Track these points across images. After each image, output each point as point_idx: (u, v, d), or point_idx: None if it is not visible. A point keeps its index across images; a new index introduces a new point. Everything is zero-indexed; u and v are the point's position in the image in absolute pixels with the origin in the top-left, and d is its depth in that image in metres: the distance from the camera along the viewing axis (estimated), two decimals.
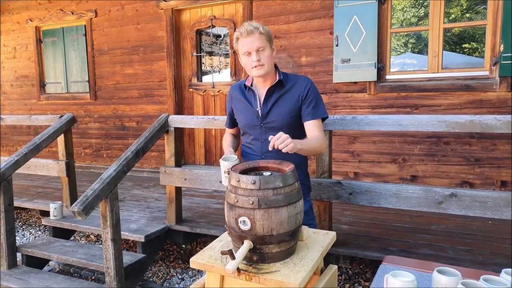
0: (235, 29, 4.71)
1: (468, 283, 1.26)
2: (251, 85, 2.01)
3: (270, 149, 1.65)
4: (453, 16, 4.36)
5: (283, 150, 1.62)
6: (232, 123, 2.18)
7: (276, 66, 2.00)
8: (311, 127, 1.93)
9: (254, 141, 2.02)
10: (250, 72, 1.94)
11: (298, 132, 1.96)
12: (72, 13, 5.68)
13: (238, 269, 1.40)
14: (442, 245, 2.68)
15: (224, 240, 1.69)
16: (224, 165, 1.86)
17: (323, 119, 2.01)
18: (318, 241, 1.66)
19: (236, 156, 1.94)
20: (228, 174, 1.89)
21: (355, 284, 3.00)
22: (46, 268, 3.37)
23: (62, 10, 5.77)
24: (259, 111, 1.97)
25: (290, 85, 1.96)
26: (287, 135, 1.64)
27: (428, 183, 3.82)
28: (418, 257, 2.39)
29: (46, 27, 6.05)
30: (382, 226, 3.08)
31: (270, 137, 1.66)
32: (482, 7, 4.02)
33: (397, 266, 1.57)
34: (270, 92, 1.95)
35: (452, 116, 2.21)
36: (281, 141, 1.62)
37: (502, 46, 3.42)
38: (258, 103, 1.98)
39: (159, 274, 3.34)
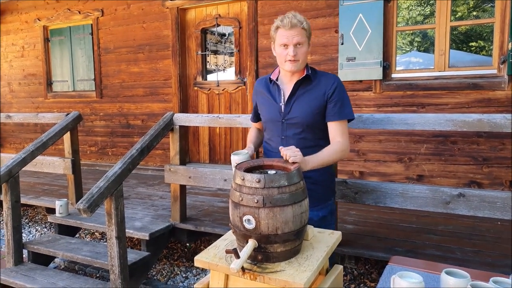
0: (240, 27, 4.70)
1: (477, 285, 1.24)
2: (277, 79, 1.96)
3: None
4: (459, 14, 4.31)
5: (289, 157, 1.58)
6: (257, 117, 2.14)
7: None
8: (334, 129, 1.87)
9: (275, 137, 1.97)
10: (282, 65, 1.89)
11: (320, 132, 1.90)
12: (79, 12, 5.71)
13: (243, 268, 1.39)
14: (450, 246, 2.65)
15: (228, 239, 1.68)
16: (235, 159, 1.83)
17: (349, 121, 1.93)
18: (323, 240, 1.64)
19: (247, 151, 1.90)
20: None
21: (360, 284, 2.98)
22: (51, 265, 3.39)
23: (69, 10, 5.80)
24: (282, 106, 1.91)
25: (317, 81, 1.89)
26: (298, 150, 1.61)
27: (435, 182, 3.78)
28: (425, 258, 2.36)
29: (53, 26, 6.09)
30: (388, 226, 3.06)
31: (281, 147, 1.63)
32: (490, 5, 3.97)
33: (404, 266, 1.55)
34: (295, 87, 1.89)
35: (460, 115, 2.18)
36: (291, 153, 1.58)
37: (510, 44, 3.37)
38: (282, 98, 1.92)
39: (163, 272, 3.34)
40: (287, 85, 1.93)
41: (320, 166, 1.76)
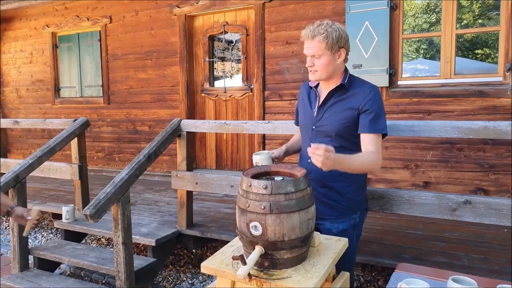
0: (247, 35, 4.74)
1: None
2: (317, 86, 1.96)
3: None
4: (465, 22, 4.32)
5: (313, 161, 1.50)
6: (298, 120, 2.14)
7: (346, 69, 1.88)
8: (366, 142, 1.78)
9: (305, 143, 1.97)
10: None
11: (350, 142, 1.84)
12: (88, 19, 5.79)
13: (249, 275, 1.39)
14: (456, 253, 2.63)
15: (235, 245, 1.69)
16: (255, 159, 1.86)
17: (383, 136, 1.83)
18: (330, 247, 1.65)
19: (268, 151, 1.92)
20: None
21: None
22: (57, 271, 3.41)
23: (78, 17, 5.88)
24: (314, 113, 1.91)
25: (353, 91, 1.83)
26: (329, 148, 1.49)
27: (441, 189, 3.77)
28: (431, 265, 2.35)
29: (62, 33, 6.17)
30: (394, 233, 3.05)
31: (309, 149, 1.53)
32: (495, 13, 3.98)
33: (410, 273, 1.55)
34: (329, 95, 1.88)
35: (466, 122, 2.18)
36: (317, 150, 1.48)
37: None
38: (316, 104, 1.92)
39: (169, 278, 3.35)
40: (323, 92, 1.92)
41: (349, 170, 1.70)
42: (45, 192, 4.75)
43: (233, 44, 4.98)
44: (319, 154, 1.47)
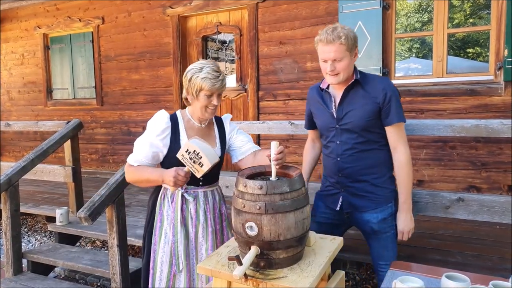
0: (240, 35, 4.74)
1: None
2: (328, 87, 1.99)
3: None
4: (456, 21, 4.36)
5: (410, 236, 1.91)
6: (310, 124, 2.18)
7: (354, 67, 1.93)
8: (392, 134, 1.90)
9: (330, 143, 1.99)
10: (325, 77, 1.93)
11: (376, 134, 1.92)
12: (80, 20, 5.75)
13: (245, 275, 1.40)
14: (450, 250, 2.66)
15: (231, 246, 1.69)
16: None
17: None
18: (325, 246, 1.65)
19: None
20: None
21: None
22: (51, 274, 3.38)
23: (69, 18, 5.84)
24: (334, 113, 1.95)
25: (368, 86, 1.89)
26: (403, 230, 1.92)
27: (435, 187, 3.80)
28: (426, 262, 2.36)
29: (53, 34, 6.13)
30: None
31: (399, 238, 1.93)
32: (486, 12, 4.03)
33: (405, 271, 1.56)
34: (346, 93, 1.91)
35: (458, 121, 2.21)
36: (406, 234, 1.91)
37: (506, 50, 3.41)
38: (333, 104, 1.95)
39: None
40: (337, 91, 1.95)
41: (409, 193, 1.92)
42: (39, 195, 4.71)
43: (226, 44, 4.98)
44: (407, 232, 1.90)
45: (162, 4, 5.09)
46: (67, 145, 3.60)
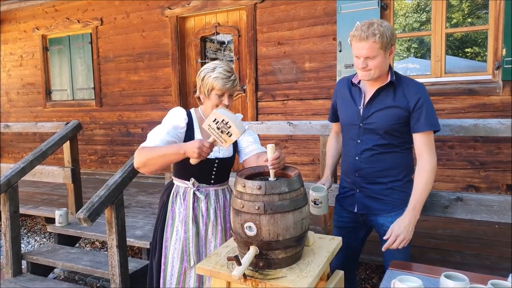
0: (239, 35, 4.75)
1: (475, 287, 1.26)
2: (359, 82, 1.91)
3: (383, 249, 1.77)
4: (455, 21, 4.37)
5: (400, 246, 1.74)
6: (334, 117, 2.10)
7: (390, 66, 1.87)
8: (419, 141, 1.80)
9: (350, 140, 1.93)
10: (357, 72, 1.86)
11: (399, 138, 1.84)
12: (78, 21, 5.75)
13: (244, 275, 1.40)
14: (449, 250, 2.66)
15: (230, 246, 1.69)
16: (312, 195, 1.90)
17: (435, 132, 1.85)
18: (324, 246, 1.66)
19: (325, 188, 1.96)
20: (315, 204, 1.95)
21: None
22: (51, 275, 3.38)
23: (68, 19, 5.84)
24: (361, 110, 1.87)
25: (401, 89, 1.83)
26: (398, 235, 1.73)
27: (433, 187, 3.75)
28: (424, 262, 2.37)
29: (52, 35, 6.12)
30: None
31: (388, 242, 1.75)
32: (484, 11, 4.03)
33: (403, 271, 1.56)
34: (377, 92, 1.84)
35: (456, 120, 2.21)
36: (398, 241, 1.73)
37: (504, 50, 3.42)
38: (362, 101, 1.88)
39: None
40: (369, 88, 1.88)
41: (423, 201, 1.82)
42: (38, 196, 4.71)
43: (225, 45, 4.98)
44: (401, 240, 1.73)
45: (161, 5, 5.09)
46: (66, 146, 3.60)
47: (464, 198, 2.14)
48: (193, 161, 1.68)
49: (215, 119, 1.59)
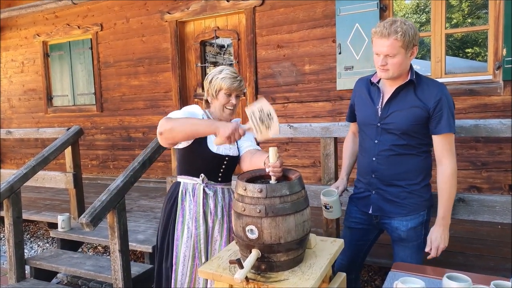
0: (238, 39, 4.76)
1: None
2: (379, 81, 1.88)
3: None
4: (455, 21, 4.37)
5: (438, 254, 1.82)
6: (351, 116, 2.08)
7: (410, 66, 1.82)
8: (438, 144, 1.78)
9: (367, 140, 1.90)
10: (377, 70, 1.83)
11: (417, 140, 1.81)
12: (79, 27, 5.78)
13: (247, 278, 1.40)
14: (451, 251, 2.65)
15: (232, 249, 1.70)
16: (323, 199, 1.92)
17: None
18: (326, 248, 1.66)
19: (337, 192, 1.98)
20: (326, 208, 1.97)
21: None
22: (54, 280, 3.38)
23: (68, 25, 5.87)
24: (379, 110, 1.84)
25: (421, 89, 1.78)
26: (437, 246, 1.83)
27: (435, 188, 3.79)
28: (427, 263, 2.37)
29: (53, 42, 6.15)
30: None
31: (431, 255, 1.83)
32: (484, 11, 4.03)
33: (406, 272, 1.56)
34: (397, 92, 1.81)
35: (457, 121, 2.20)
36: (439, 251, 1.83)
37: (504, 50, 3.42)
38: (381, 101, 1.85)
39: None
40: (388, 87, 1.85)
41: (450, 208, 1.85)
42: (40, 201, 4.72)
43: (224, 48, 4.99)
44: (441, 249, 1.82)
45: (160, 10, 5.11)
46: (68, 151, 3.61)
47: (466, 199, 2.14)
48: (218, 141, 1.64)
49: (261, 108, 1.54)
